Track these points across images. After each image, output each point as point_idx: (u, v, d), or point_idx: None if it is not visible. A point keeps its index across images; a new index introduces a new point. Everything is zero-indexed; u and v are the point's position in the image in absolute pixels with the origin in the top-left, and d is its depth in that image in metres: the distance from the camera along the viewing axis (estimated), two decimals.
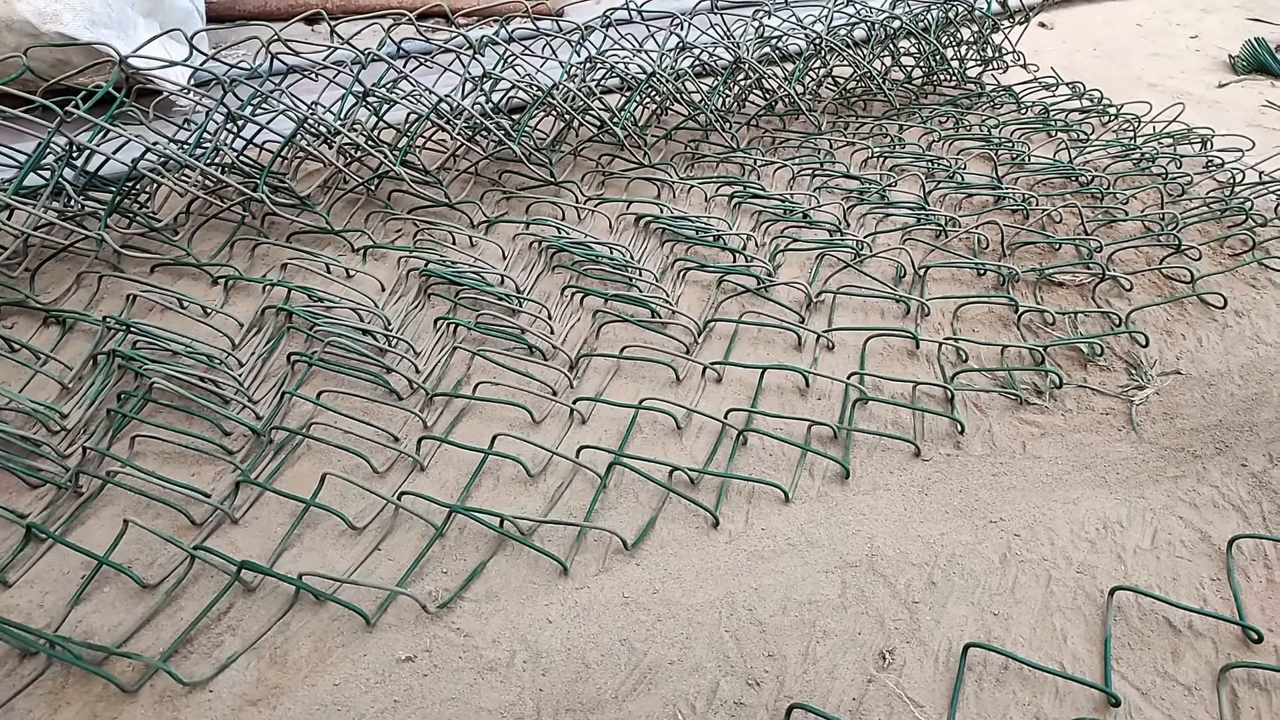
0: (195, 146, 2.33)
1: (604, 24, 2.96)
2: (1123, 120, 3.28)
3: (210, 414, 1.85)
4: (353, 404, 1.91)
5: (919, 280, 2.37)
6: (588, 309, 2.24)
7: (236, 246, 2.41)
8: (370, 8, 3.88)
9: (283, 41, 2.33)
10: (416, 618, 1.50)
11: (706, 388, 2.01)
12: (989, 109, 3.39)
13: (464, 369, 2.03)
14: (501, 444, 1.81)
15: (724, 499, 1.73)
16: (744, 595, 1.55)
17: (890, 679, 1.42)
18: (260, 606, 1.51)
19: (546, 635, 1.48)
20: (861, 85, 3.37)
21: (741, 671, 1.43)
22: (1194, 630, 1.48)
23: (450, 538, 1.64)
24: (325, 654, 1.45)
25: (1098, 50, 4.17)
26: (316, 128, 2.48)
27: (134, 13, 2.72)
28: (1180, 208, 2.67)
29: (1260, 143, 3.08)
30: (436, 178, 2.59)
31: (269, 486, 1.68)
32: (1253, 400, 1.98)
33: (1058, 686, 1.40)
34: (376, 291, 2.27)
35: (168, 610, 1.49)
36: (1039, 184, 2.85)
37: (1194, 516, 1.69)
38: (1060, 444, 1.87)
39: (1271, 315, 2.25)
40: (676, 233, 2.50)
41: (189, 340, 2.01)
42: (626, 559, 1.61)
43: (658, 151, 3.00)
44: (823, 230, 2.56)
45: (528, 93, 2.74)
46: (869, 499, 1.74)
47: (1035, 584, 1.57)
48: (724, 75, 3.01)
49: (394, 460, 1.79)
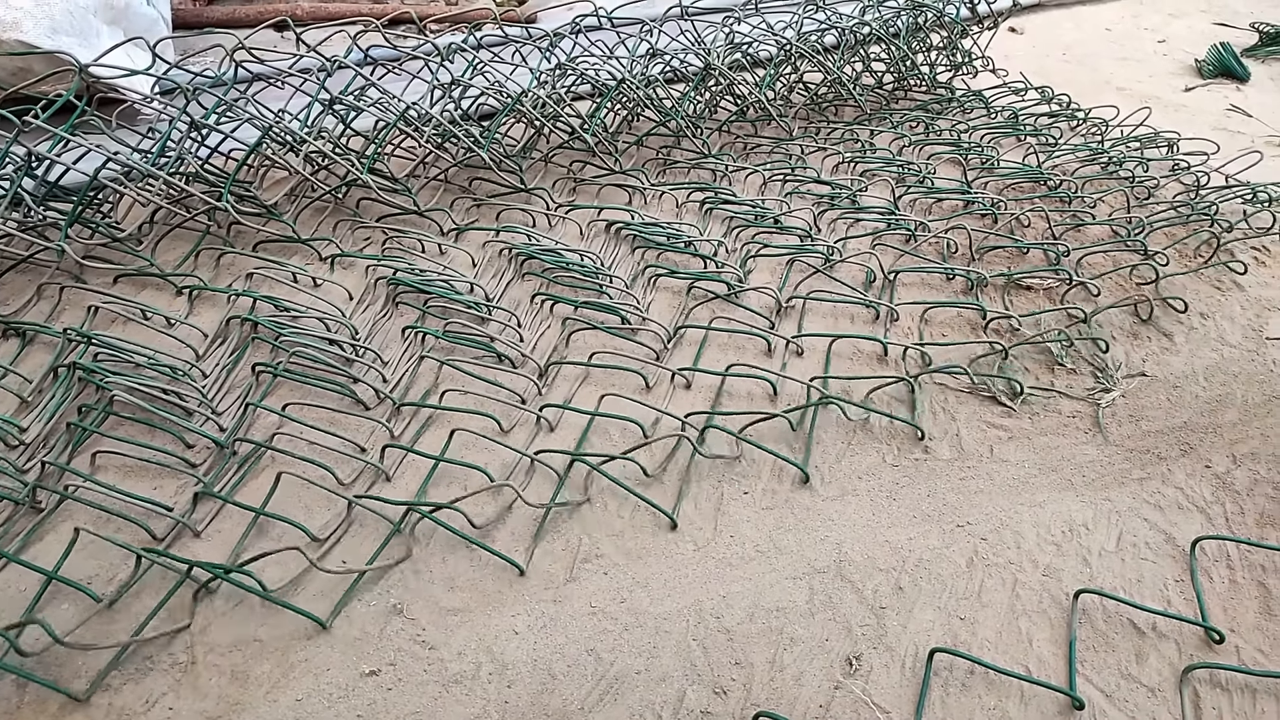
0: (158, 155, 2.31)
1: (574, 30, 2.95)
2: (1091, 124, 3.31)
3: (173, 426, 1.82)
4: (319, 415, 1.89)
5: (889, 285, 2.37)
6: (557, 316, 2.23)
7: (202, 256, 2.38)
8: (341, 14, 3.86)
9: (247, 49, 2.31)
10: (381, 630, 1.48)
11: (675, 393, 2.00)
12: (959, 114, 3.41)
13: (432, 378, 2.02)
14: (467, 453, 1.80)
15: (693, 508, 1.72)
16: (712, 603, 1.55)
17: (857, 685, 1.41)
18: (221, 624, 1.49)
19: (513, 646, 1.47)
20: (832, 91, 3.38)
21: (708, 680, 1.42)
22: (1158, 632, 1.49)
23: (417, 552, 1.62)
24: (288, 669, 1.43)
25: (1067, 55, 4.20)
26: (282, 136, 2.46)
27: (97, 20, 2.69)
28: (1147, 211, 2.69)
29: (1225, 146, 3.11)
30: (405, 185, 2.58)
31: (228, 498, 1.66)
32: (1217, 402, 2.00)
33: (1023, 690, 1.40)
34: (344, 300, 2.25)
35: (124, 623, 1.47)
36: (1008, 188, 2.87)
37: (1158, 518, 1.71)
38: (1027, 447, 1.88)
39: (1235, 317, 2.27)
40: (647, 239, 2.50)
41: (152, 352, 1.99)
42: (595, 568, 1.60)
43: (629, 158, 3.00)
44: (794, 236, 2.56)
45: (498, 99, 2.73)
46: (837, 505, 1.74)
47: (1002, 588, 1.57)
48: (695, 82, 3.00)
49: (359, 471, 1.78)
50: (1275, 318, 2.27)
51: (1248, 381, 2.06)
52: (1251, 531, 1.68)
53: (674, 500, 1.73)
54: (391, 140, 2.76)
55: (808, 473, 1.79)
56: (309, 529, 1.63)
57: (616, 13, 3.01)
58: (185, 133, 2.35)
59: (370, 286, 2.29)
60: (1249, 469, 1.82)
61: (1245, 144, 3.21)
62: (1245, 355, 2.14)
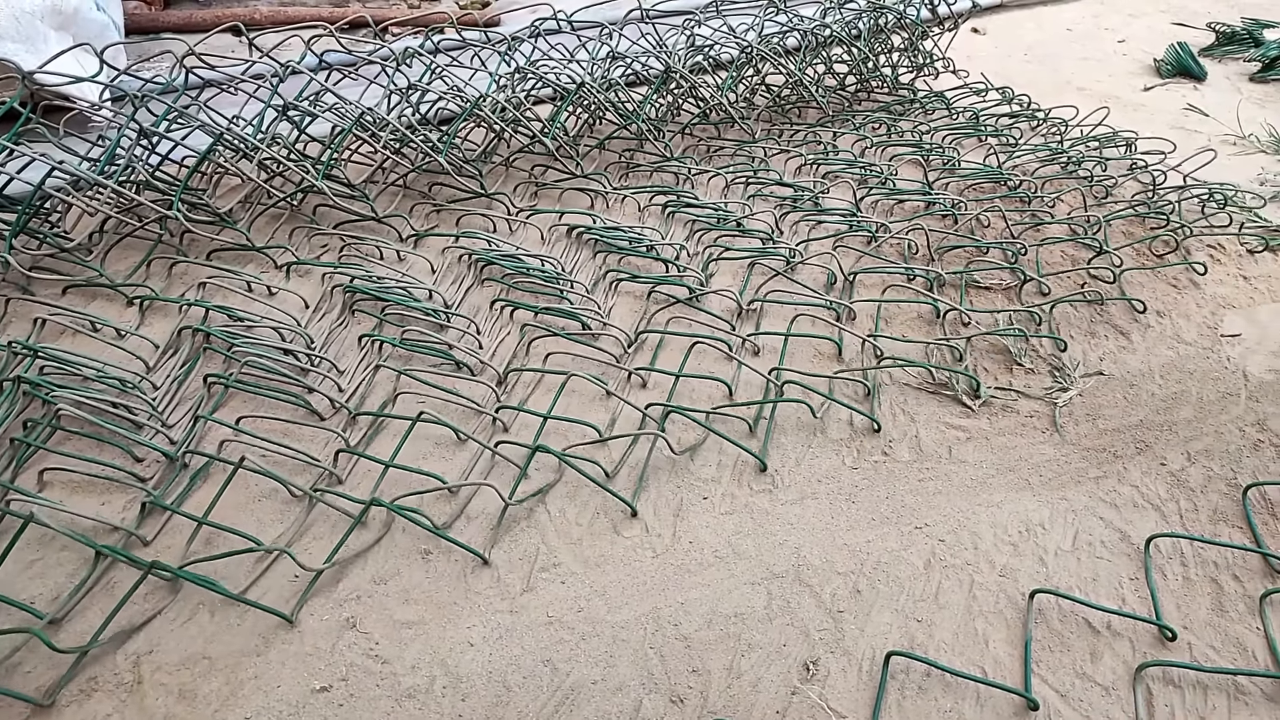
0: (107, 163, 2.26)
1: (533, 34, 2.93)
2: (1051, 124, 3.33)
3: (122, 440, 1.79)
4: (272, 426, 1.86)
5: (849, 286, 2.37)
6: (517, 322, 2.21)
7: (153, 265, 2.34)
8: (301, 18, 3.82)
9: (197, 55, 2.28)
10: (333, 645, 1.46)
11: (633, 393, 1.99)
12: (921, 115, 3.43)
13: (390, 386, 1.99)
14: (424, 461, 1.78)
15: (652, 514, 1.71)
16: (670, 610, 1.53)
17: (814, 690, 1.41)
18: (168, 643, 1.46)
19: (468, 659, 1.45)
20: (795, 93, 3.39)
21: (665, 688, 1.41)
22: (1112, 630, 1.50)
23: (370, 563, 1.60)
24: (236, 686, 1.40)
25: (1029, 55, 4.24)
26: (235, 142, 2.42)
27: (44, 26, 2.63)
28: (1105, 210, 2.71)
29: (1182, 144, 3.15)
30: (362, 191, 2.55)
31: (175, 509, 1.63)
32: (1172, 399, 2.02)
33: (979, 692, 1.40)
34: (300, 309, 2.22)
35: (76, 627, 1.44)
36: (969, 188, 2.89)
37: (1114, 516, 1.71)
38: (985, 447, 1.88)
39: (1191, 315, 2.29)
40: (609, 243, 2.49)
41: (101, 364, 1.95)
42: (552, 577, 1.59)
43: (591, 161, 2.98)
44: (755, 239, 2.56)
45: (457, 104, 2.71)
46: (797, 508, 1.73)
47: (959, 589, 1.57)
48: (656, 85, 2.99)
49: (315, 479, 1.75)
50: (1230, 315, 2.29)
51: (1202, 379, 2.08)
52: (1205, 528, 1.69)
53: (632, 496, 1.73)
54: (348, 146, 2.73)
55: (765, 461, 1.78)
56: (257, 538, 1.60)
57: (577, 16, 2.99)
58: (135, 140, 2.31)
59: (327, 294, 2.26)
60: (1203, 466, 1.83)
61: (1202, 142, 3.25)
62: (1200, 353, 2.16)
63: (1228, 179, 2.94)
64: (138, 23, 3.63)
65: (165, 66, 2.54)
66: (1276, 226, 2.66)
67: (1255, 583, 1.59)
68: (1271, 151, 3.21)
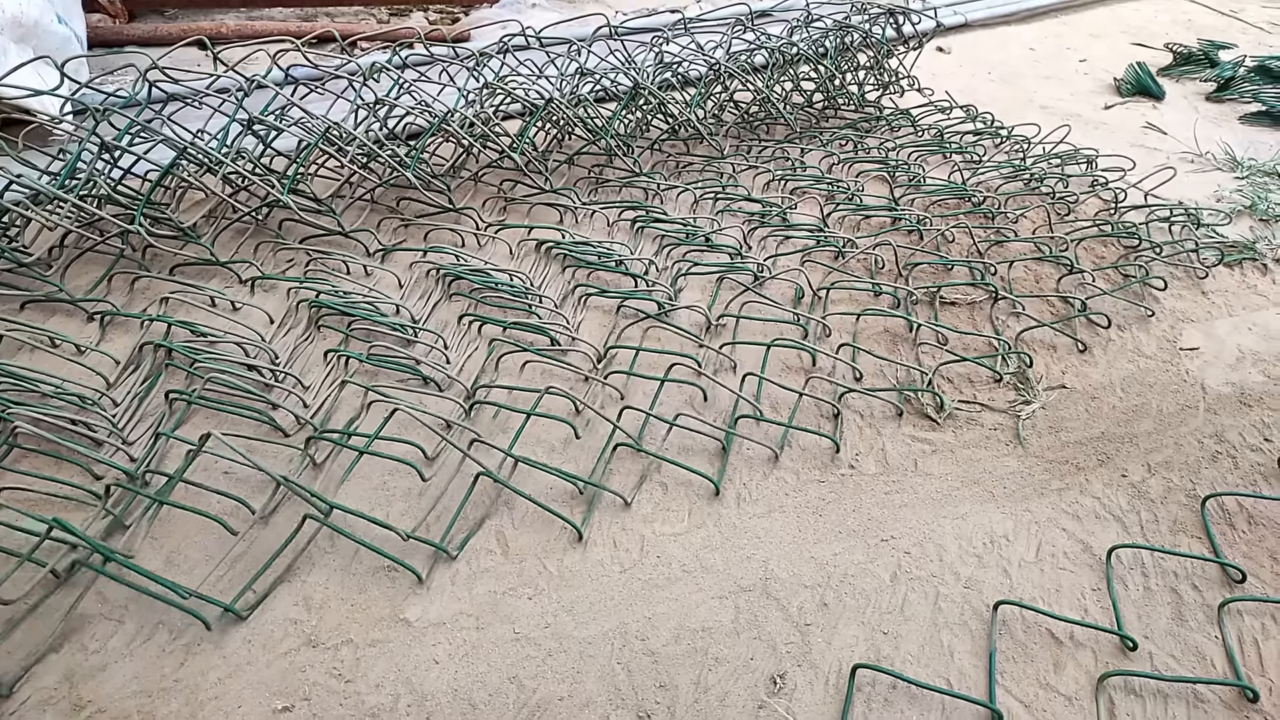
0: (67, 177, 2.23)
1: (501, 50, 2.94)
2: (1014, 142, 3.39)
3: (80, 458, 1.75)
4: (235, 443, 1.83)
5: (818, 301, 2.39)
6: (486, 337, 2.20)
7: (115, 281, 2.31)
8: (268, 32, 3.79)
9: (161, 69, 2.25)
10: (294, 663, 1.44)
11: (605, 408, 1.99)
12: (887, 132, 3.47)
13: (357, 402, 1.97)
14: (389, 479, 1.77)
15: (619, 529, 1.70)
16: (637, 625, 1.53)
17: (781, 704, 1.41)
18: (124, 665, 1.43)
19: (433, 677, 1.43)
20: (763, 109, 3.42)
21: (632, 704, 1.40)
22: (1075, 640, 1.51)
23: (333, 581, 1.58)
24: (196, 708, 1.37)
25: (993, 74, 4.31)
26: (199, 156, 2.40)
27: (4, 38, 2.59)
28: (1068, 228, 2.76)
29: (1141, 162, 3.21)
30: (329, 206, 2.53)
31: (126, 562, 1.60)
32: (1133, 412, 2.05)
33: (944, 704, 1.41)
34: (265, 324, 2.19)
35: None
36: (934, 205, 2.92)
37: (1076, 528, 1.73)
38: (950, 460, 1.90)
39: (1152, 329, 2.33)
40: (578, 258, 2.49)
41: (60, 381, 1.91)
42: (519, 593, 1.57)
43: (560, 176, 2.98)
44: (724, 254, 2.57)
45: (425, 119, 2.70)
46: (764, 522, 1.73)
47: (924, 601, 1.58)
48: (624, 101, 3.01)
49: (282, 499, 1.72)
50: (1189, 329, 2.33)
51: (1162, 391, 2.11)
52: (1165, 539, 1.72)
53: (585, 512, 1.72)
54: (315, 160, 2.71)
55: (718, 485, 1.79)
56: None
57: (546, 32, 3.00)
58: (96, 154, 2.28)
59: (292, 309, 2.24)
60: (1163, 477, 1.86)
61: (1161, 160, 3.32)
62: (1160, 366, 2.20)
63: (1186, 195, 3.00)
64: (101, 35, 3.59)
65: (129, 80, 2.50)
66: (1232, 243, 2.71)
67: (1214, 592, 1.61)
68: (1227, 169, 3.28)
